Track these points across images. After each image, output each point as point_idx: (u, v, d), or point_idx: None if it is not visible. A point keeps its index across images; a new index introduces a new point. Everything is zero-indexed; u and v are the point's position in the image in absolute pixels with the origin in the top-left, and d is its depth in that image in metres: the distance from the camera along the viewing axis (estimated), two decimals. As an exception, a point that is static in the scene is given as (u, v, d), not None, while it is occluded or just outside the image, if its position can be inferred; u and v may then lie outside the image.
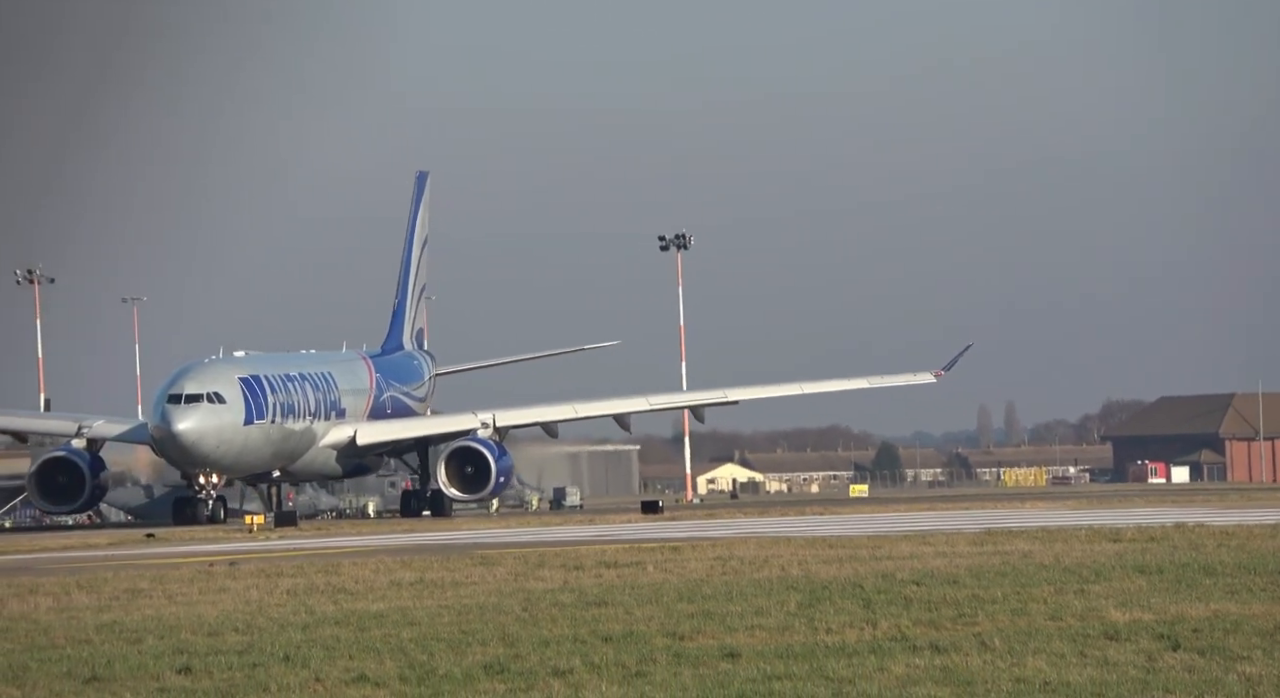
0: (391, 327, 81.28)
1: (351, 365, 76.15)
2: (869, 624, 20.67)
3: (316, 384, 72.61)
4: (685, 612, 22.59)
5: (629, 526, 53.79)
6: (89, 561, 40.36)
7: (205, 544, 48.71)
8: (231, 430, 68.22)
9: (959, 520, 48.86)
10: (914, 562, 30.02)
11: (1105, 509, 56.89)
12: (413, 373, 79.35)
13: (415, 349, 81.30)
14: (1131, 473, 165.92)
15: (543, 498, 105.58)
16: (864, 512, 61.61)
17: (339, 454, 73.07)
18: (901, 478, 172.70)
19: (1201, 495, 76.06)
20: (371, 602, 25.47)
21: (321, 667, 18.52)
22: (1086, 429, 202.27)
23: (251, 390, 69.16)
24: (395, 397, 76.92)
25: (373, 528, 61.30)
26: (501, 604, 24.36)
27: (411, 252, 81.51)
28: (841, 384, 78.89)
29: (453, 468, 70.26)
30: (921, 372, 77.19)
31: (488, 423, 72.33)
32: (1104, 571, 26.89)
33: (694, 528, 49.23)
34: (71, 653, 20.45)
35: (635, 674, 17.26)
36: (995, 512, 57.14)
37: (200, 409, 67.74)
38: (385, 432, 74.38)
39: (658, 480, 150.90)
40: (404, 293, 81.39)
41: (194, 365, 70.16)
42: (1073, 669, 16.78)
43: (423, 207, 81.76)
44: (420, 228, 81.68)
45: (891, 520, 51.05)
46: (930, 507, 65.99)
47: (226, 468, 69.06)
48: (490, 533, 51.18)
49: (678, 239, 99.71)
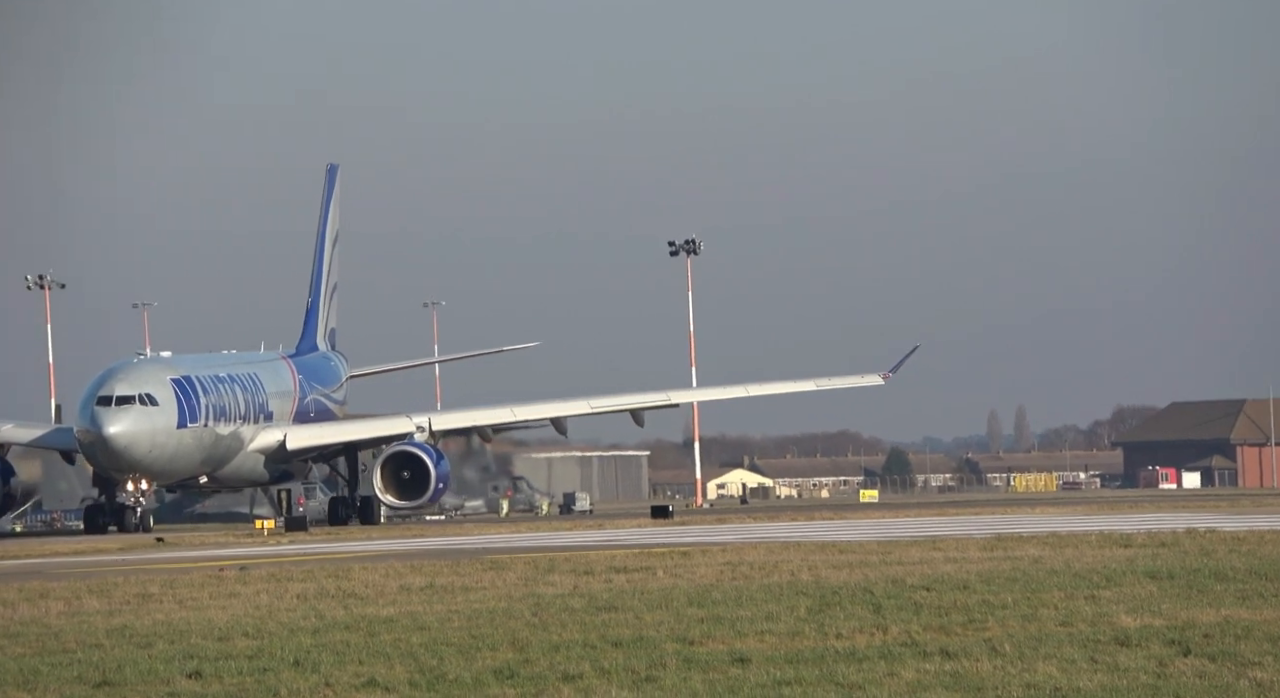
0: (305, 326, 77.72)
1: (275, 367, 72.98)
2: (879, 629, 20.64)
3: (245, 386, 69.65)
4: (695, 617, 22.57)
5: (639, 530, 53.76)
6: (100, 565, 40.40)
7: (215, 549, 48.73)
8: (164, 434, 65.25)
9: (969, 526, 48.79)
10: (924, 567, 29.99)
11: (1116, 515, 56.76)
12: (331, 374, 76.29)
13: (330, 350, 78.04)
14: (1142, 478, 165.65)
15: (552, 503, 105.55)
16: (874, 517, 61.52)
17: (267, 459, 70.09)
18: (912, 483, 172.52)
19: (1213, 501, 75.87)
20: (381, 607, 25.48)
21: (331, 672, 18.52)
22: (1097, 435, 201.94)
23: (184, 392, 66.24)
24: (318, 399, 74.03)
25: (382, 533, 61.24)
26: (511, 609, 24.35)
27: (323, 249, 77.90)
28: (789, 386, 76.44)
29: (388, 474, 67.19)
30: (870, 374, 75.01)
31: (423, 427, 69.32)
32: (1115, 576, 26.85)
33: (704, 533, 49.21)
34: (82, 657, 20.46)
35: (645, 679, 17.25)
36: (1005, 517, 57.06)
37: (132, 411, 64.55)
38: (316, 436, 71.44)
39: (667, 486, 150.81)
40: (316, 291, 77.85)
41: (123, 365, 66.92)
42: (1083, 675, 16.75)
43: (334, 202, 78.17)
44: (332, 224, 78.11)
45: (902, 526, 51.00)
46: (940, 512, 65.89)
47: (157, 474, 66.06)
48: (500, 538, 51.16)
49: (687, 244, 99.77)
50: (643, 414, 73.50)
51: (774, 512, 75.90)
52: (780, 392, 77.33)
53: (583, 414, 73.25)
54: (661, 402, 73.38)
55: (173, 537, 58.98)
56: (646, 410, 73.38)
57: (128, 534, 63.13)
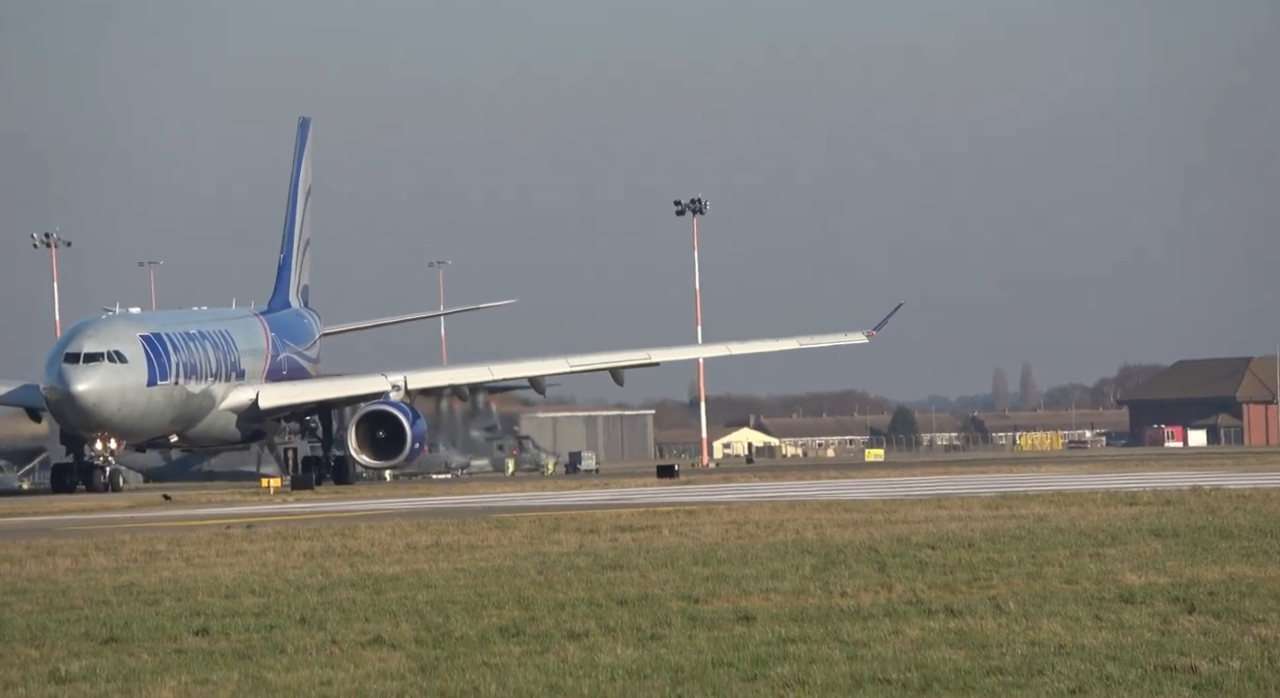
0: (278, 283, 75.73)
1: (247, 324, 71.04)
2: (884, 588, 20.69)
3: (216, 343, 67.87)
4: (700, 575, 22.62)
5: (644, 490, 53.82)
6: (107, 523, 40.53)
7: (222, 507, 48.88)
8: (134, 392, 63.50)
9: (974, 484, 48.84)
10: (929, 526, 30.03)
11: (1121, 473, 56.76)
12: (304, 332, 74.24)
13: (303, 307, 76.13)
14: (1148, 437, 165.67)
15: (558, 462, 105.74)
16: (879, 476, 61.59)
17: (239, 418, 68.25)
18: (917, 442, 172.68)
19: (1218, 459, 75.86)
20: (387, 565, 25.54)
21: (338, 629, 18.59)
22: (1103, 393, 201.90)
23: (154, 349, 64.41)
24: (290, 357, 72.06)
25: (389, 491, 61.35)
26: (517, 567, 24.40)
27: (296, 203, 75.78)
28: (770, 345, 74.87)
29: (363, 433, 65.41)
30: (853, 332, 73.22)
31: (399, 385, 67.41)
32: (1120, 534, 26.88)
33: (709, 492, 49.27)
34: (90, 614, 20.54)
35: (650, 637, 17.31)
36: (1011, 476, 57.09)
37: (101, 369, 62.75)
38: (289, 394, 69.47)
39: (673, 445, 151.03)
40: (289, 247, 75.83)
41: (91, 322, 64.98)
42: (1088, 633, 16.80)
43: (306, 156, 75.94)
44: (304, 178, 75.88)
45: (907, 484, 51.05)
46: (945, 471, 65.93)
47: (126, 433, 64.30)
48: (506, 497, 51.28)
49: (693, 204, 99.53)
50: (622, 373, 71.38)
51: (779, 471, 75.94)
52: (763, 350, 75.83)
53: (561, 373, 71.31)
54: (642, 360, 71.22)
55: (179, 495, 59.03)
56: (626, 369, 71.27)
57: (96, 494, 61.81)
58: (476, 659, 16.30)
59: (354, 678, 15.58)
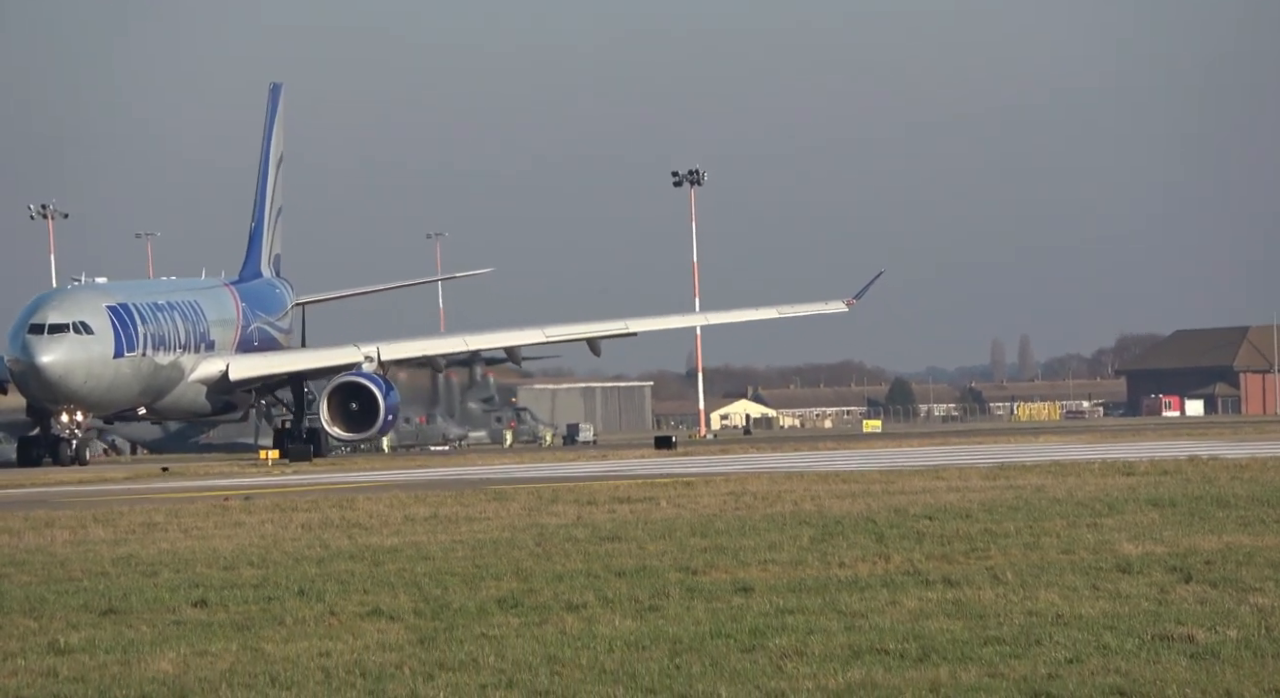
0: (249, 252, 73.86)
1: (217, 294, 69.36)
2: (881, 559, 20.72)
3: (185, 314, 66.32)
4: (698, 547, 22.64)
5: (642, 461, 53.85)
6: (105, 494, 40.55)
7: (220, 479, 48.92)
8: (101, 364, 61.92)
9: (972, 455, 48.88)
10: (926, 497, 30.07)
11: (1119, 443, 56.83)
12: (276, 302, 72.46)
13: (274, 276, 74.27)
14: (1145, 407, 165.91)
15: (556, 434, 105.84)
16: (877, 447, 61.64)
17: (209, 390, 66.93)
18: (915, 413, 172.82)
19: (1216, 428, 75.93)
20: (386, 537, 25.56)
21: (336, 601, 18.62)
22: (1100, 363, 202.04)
23: (121, 320, 62.74)
24: (261, 328, 70.54)
25: (386, 463, 61.35)
26: (515, 539, 24.43)
27: (267, 171, 73.91)
28: (750, 314, 73.88)
29: (335, 405, 63.75)
30: (833, 300, 72.24)
31: (371, 357, 65.96)
32: (1117, 504, 26.91)
33: (707, 464, 49.31)
34: (88, 586, 20.56)
35: (648, 609, 17.34)
36: (1008, 446, 57.14)
37: (66, 340, 61.23)
38: (260, 366, 67.85)
39: (671, 416, 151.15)
40: (260, 215, 73.98)
41: (56, 293, 63.93)
42: (1085, 602, 16.83)
43: (277, 122, 74.20)
44: (275, 145, 74.09)
45: (904, 455, 51.09)
46: (943, 442, 65.99)
47: (93, 405, 62.87)
48: (503, 469, 51.32)
49: (691, 175, 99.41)
50: (600, 343, 70.12)
51: (777, 442, 76.00)
52: (741, 319, 74.95)
53: (537, 343, 70.23)
54: (619, 330, 69.96)
55: (177, 466, 59.06)
56: (604, 339, 70.00)
57: (63, 467, 60.64)
58: (475, 631, 16.33)
59: (352, 649, 15.60)
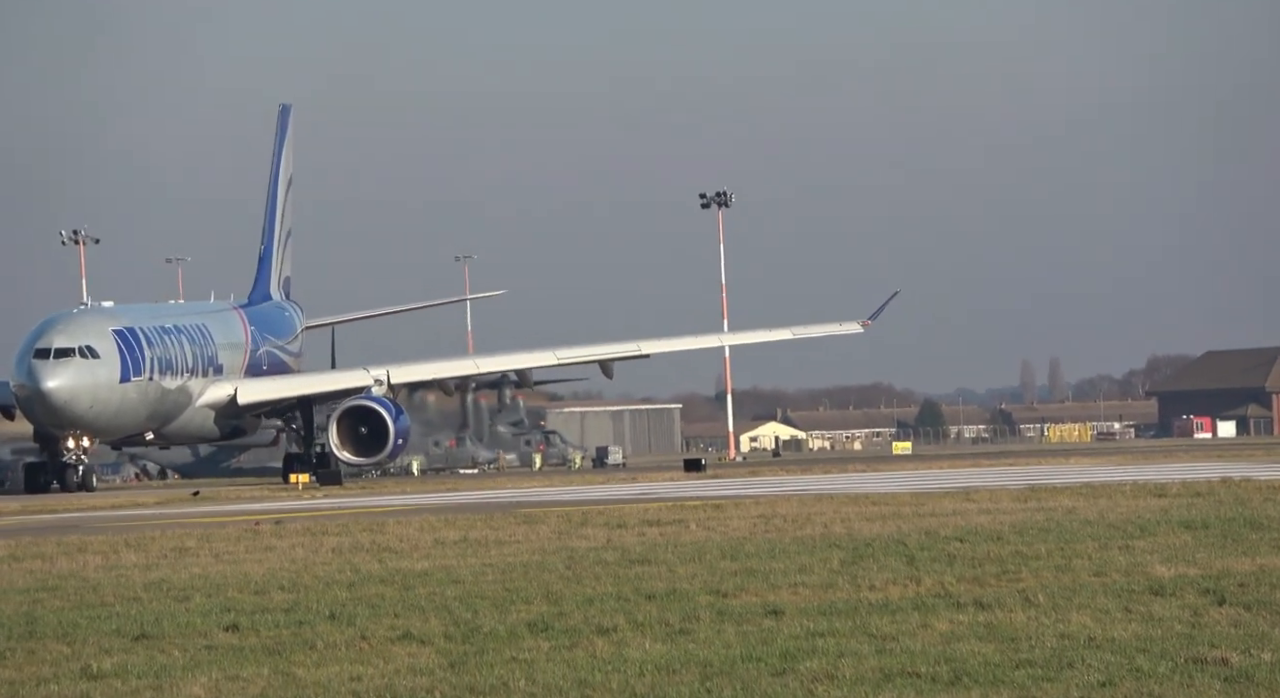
0: (258, 275, 74.04)
1: (225, 317, 69.41)
2: (912, 581, 20.66)
3: (193, 338, 66.05)
4: (728, 570, 22.62)
5: (671, 484, 53.83)
6: (136, 519, 40.68)
7: (251, 504, 49.02)
8: (107, 388, 61.55)
9: (1003, 477, 48.70)
10: (957, 518, 29.97)
11: (1150, 465, 56.57)
12: (285, 325, 72.51)
13: (284, 299, 74.39)
14: (1177, 428, 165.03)
15: (585, 456, 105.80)
16: (907, 469, 61.47)
17: (217, 415, 66.65)
18: (945, 435, 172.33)
19: (1248, 450, 75.47)
20: (416, 560, 25.60)
21: (367, 625, 18.64)
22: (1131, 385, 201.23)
23: (127, 344, 62.40)
24: (271, 351, 70.40)
25: (416, 487, 61.41)
26: (545, 563, 24.44)
27: (276, 193, 74.19)
28: (764, 335, 73.65)
29: (345, 429, 63.79)
30: (848, 321, 71.91)
31: (381, 380, 65.92)
32: (1149, 526, 26.79)
33: (736, 486, 49.25)
34: (120, 611, 20.63)
35: (679, 632, 17.31)
36: (1039, 468, 56.93)
37: (72, 365, 60.82)
38: (268, 390, 67.78)
39: (700, 439, 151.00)
40: (270, 238, 74.17)
41: (62, 316, 62.93)
42: (1117, 625, 16.74)
43: (287, 144, 74.39)
44: (285, 167, 74.39)
45: (935, 477, 50.94)
46: (974, 463, 65.76)
47: (99, 430, 62.48)
48: (533, 492, 51.32)
49: (719, 197, 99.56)
50: (612, 366, 69.70)
51: (807, 464, 75.83)
52: (756, 341, 74.65)
53: (549, 365, 69.81)
54: (632, 352, 69.55)
55: (208, 491, 59.24)
56: (616, 361, 69.58)
57: (70, 494, 60.14)
58: (505, 655, 16.32)
59: (383, 674, 15.61)
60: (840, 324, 72.58)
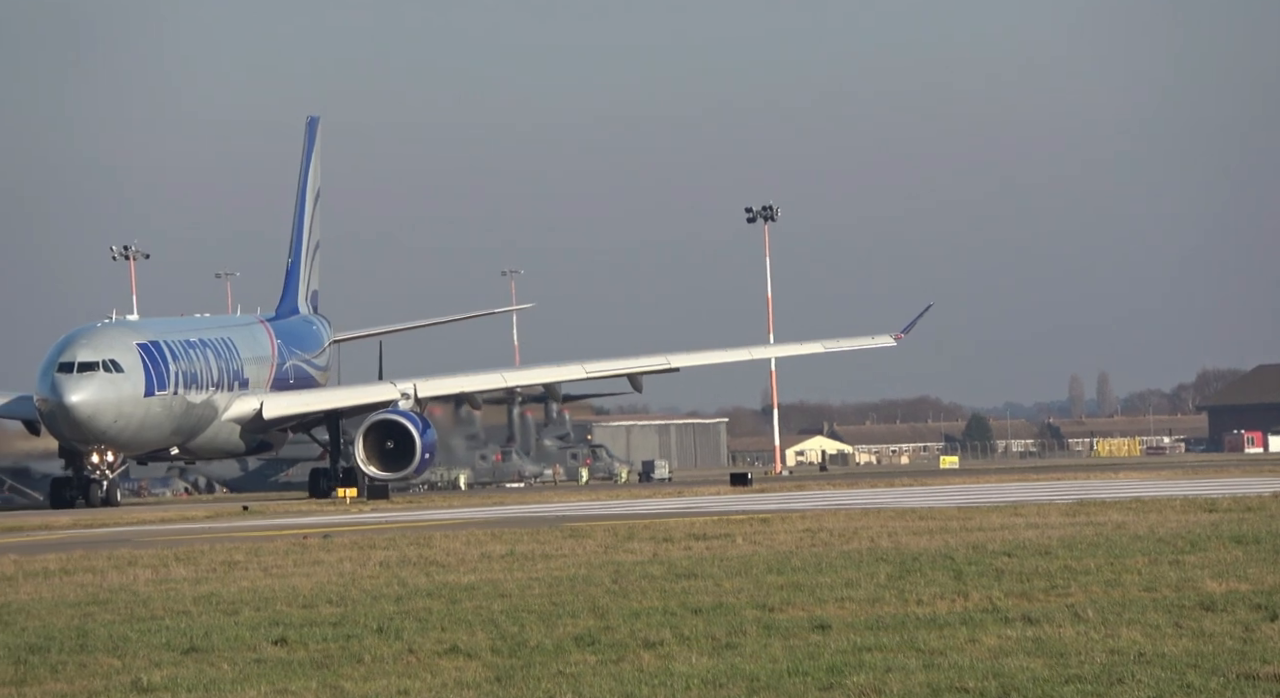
0: (285, 288, 73.16)
1: (251, 331, 68.58)
2: (960, 596, 20.57)
3: (218, 352, 65.16)
4: (775, 584, 22.58)
5: (718, 498, 53.76)
6: (186, 533, 40.93)
7: (299, 517, 49.22)
8: (131, 403, 60.71)
9: (1051, 492, 48.45)
10: (1005, 533, 29.83)
11: (1200, 479, 56.18)
12: (312, 339, 71.56)
13: (311, 313, 73.46)
14: (1228, 443, 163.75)
15: (632, 470, 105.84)
16: (954, 483, 61.21)
17: (243, 429, 65.86)
18: (992, 449, 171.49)
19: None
20: (463, 574, 25.66)
21: (414, 638, 18.69)
22: (1181, 399, 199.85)
23: (151, 358, 61.53)
24: (297, 365, 69.47)
25: (463, 501, 61.50)
26: (591, 576, 24.45)
27: (304, 206, 73.26)
28: (795, 349, 73.03)
29: (371, 443, 62.83)
30: (881, 335, 70.85)
31: (408, 394, 64.94)
32: (1199, 541, 26.60)
33: (783, 500, 49.15)
34: (170, 624, 20.75)
35: (725, 646, 17.29)
36: (1088, 483, 56.59)
37: (96, 379, 59.94)
38: (294, 404, 66.81)
39: (746, 453, 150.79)
40: (297, 251, 73.19)
41: (86, 330, 61.87)
42: (1168, 640, 16.63)
43: (314, 156, 73.51)
44: (313, 180, 73.52)
45: (982, 492, 50.71)
46: (1021, 478, 65.44)
47: (123, 445, 61.46)
48: (580, 506, 51.36)
49: (765, 211, 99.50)
50: (641, 379, 68.83)
51: (853, 478, 75.58)
52: (785, 354, 74.26)
53: (577, 379, 68.58)
54: (661, 366, 68.48)
55: (257, 505, 59.48)
56: (645, 375, 68.65)
57: (93, 509, 59.28)
58: (552, 669, 16.34)
59: (431, 688, 15.66)
60: (873, 338, 71.91)
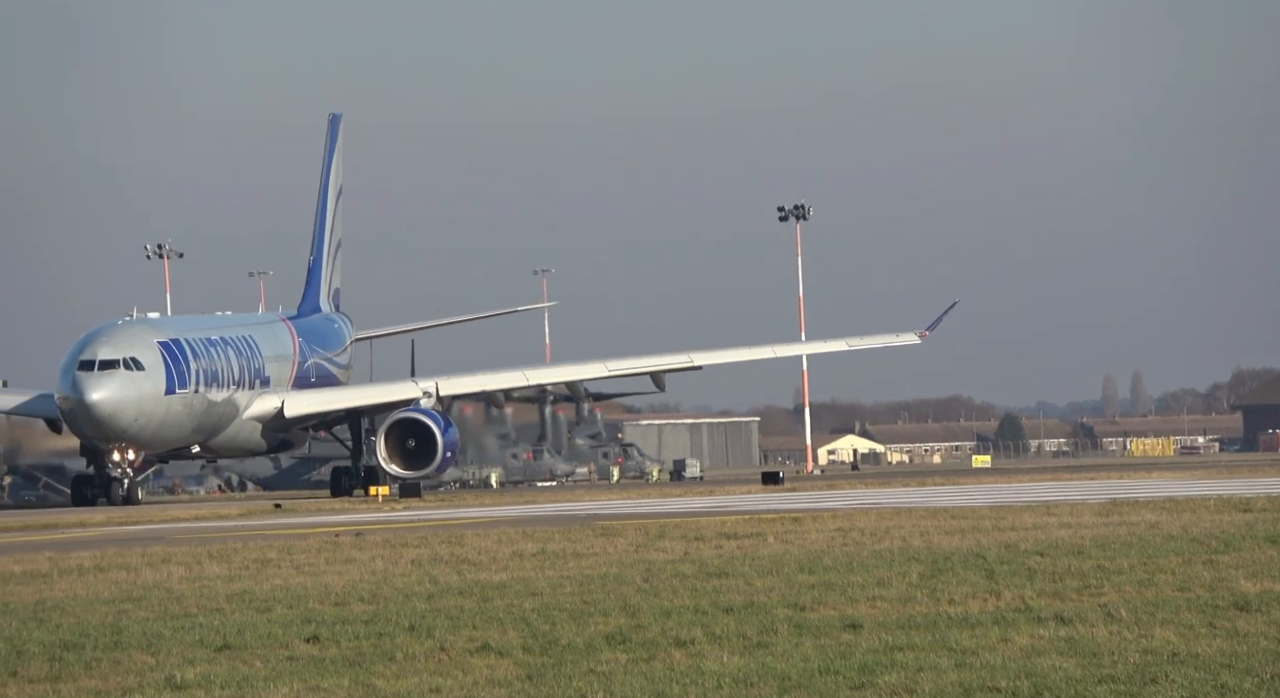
0: (307, 286, 72.51)
1: (273, 329, 68.15)
2: (992, 595, 20.52)
3: (240, 350, 64.65)
4: (806, 583, 22.56)
5: (749, 497, 53.74)
6: (219, 531, 41.11)
7: (331, 515, 49.39)
8: (152, 401, 60.31)
9: (1084, 491, 48.28)
10: (1038, 532, 29.74)
11: (1235, 479, 55.90)
12: (334, 337, 71.00)
13: (333, 311, 72.76)
14: (1263, 442, 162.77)
15: (663, 469, 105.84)
16: (986, 482, 61.05)
17: (264, 427, 65.30)
18: (1025, 448, 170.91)
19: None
20: (494, 572, 25.71)
21: (446, 636, 18.73)
22: (1216, 398, 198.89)
23: (172, 356, 61.17)
24: (319, 363, 69.03)
25: (495, 499, 61.60)
26: (623, 575, 24.47)
27: (326, 203, 72.45)
28: (819, 347, 72.61)
29: (393, 442, 62.51)
30: (905, 332, 69.88)
31: (430, 392, 64.55)
32: (1234, 541, 26.47)
33: (814, 499, 49.10)
34: (203, 621, 20.85)
35: (757, 645, 17.29)
36: (1121, 482, 56.36)
37: (117, 377, 59.54)
38: (315, 402, 66.34)
39: (778, 452, 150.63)
40: (319, 249, 72.58)
41: (107, 328, 61.51)
42: (1202, 641, 16.56)
43: (336, 154, 72.64)
44: (335, 177, 72.69)
45: (1015, 491, 50.56)
46: (1054, 477, 65.22)
47: (144, 443, 61.08)
48: (611, 504, 51.40)
49: (797, 209, 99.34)
50: (664, 377, 68.35)
51: (885, 478, 75.44)
52: (810, 352, 73.93)
53: (599, 377, 68.11)
54: (684, 364, 67.28)
55: (289, 503, 59.65)
56: (667, 373, 68.12)
57: (114, 507, 58.76)
58: (583, 667, 16.36)
59: (462, 685, 15.69)
60: (897, 335, 71.10)
